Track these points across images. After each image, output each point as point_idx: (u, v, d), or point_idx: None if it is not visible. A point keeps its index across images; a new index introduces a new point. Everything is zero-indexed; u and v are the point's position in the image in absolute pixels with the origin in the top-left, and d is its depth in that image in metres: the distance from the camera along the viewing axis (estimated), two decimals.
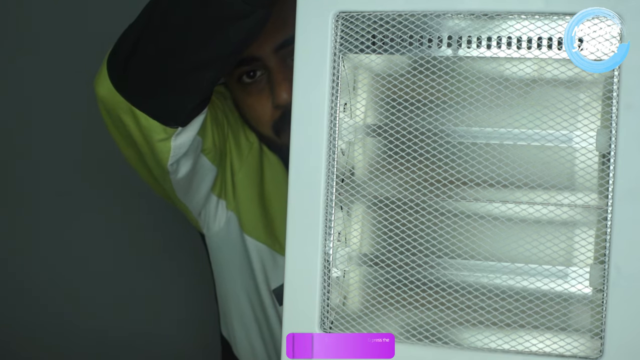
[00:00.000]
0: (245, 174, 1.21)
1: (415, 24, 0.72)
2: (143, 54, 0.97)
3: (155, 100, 1.00)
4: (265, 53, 1.10)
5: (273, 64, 1.10)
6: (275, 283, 1.21)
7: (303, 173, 0.74)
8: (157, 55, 0.97)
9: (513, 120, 0.72)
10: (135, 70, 0.98)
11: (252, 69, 1.12)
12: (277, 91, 1.10)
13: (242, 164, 1.21)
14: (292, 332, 0.74)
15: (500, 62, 0.72)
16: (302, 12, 0.74)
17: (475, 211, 0.73)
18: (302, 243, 0.74)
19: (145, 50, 0.97)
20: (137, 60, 0.98)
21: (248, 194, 1.21)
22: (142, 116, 1.00)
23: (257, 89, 1.13)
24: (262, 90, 1.13)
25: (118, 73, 1.00)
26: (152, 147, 1.04)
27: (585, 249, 0.71)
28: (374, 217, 0.77)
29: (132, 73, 0.99)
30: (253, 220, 1.21)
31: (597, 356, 0.68)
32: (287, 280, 0.74)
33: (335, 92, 0.74)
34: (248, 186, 1.21)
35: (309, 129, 0.74)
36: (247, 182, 1.21)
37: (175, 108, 1.01)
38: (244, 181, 1.21)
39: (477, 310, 0.73)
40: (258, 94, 1.13)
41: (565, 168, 0.72)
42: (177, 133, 1.03)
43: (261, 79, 1.12)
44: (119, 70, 0.99)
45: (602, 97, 0.71)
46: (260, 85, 1.13)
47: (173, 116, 1.02)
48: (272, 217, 1.21)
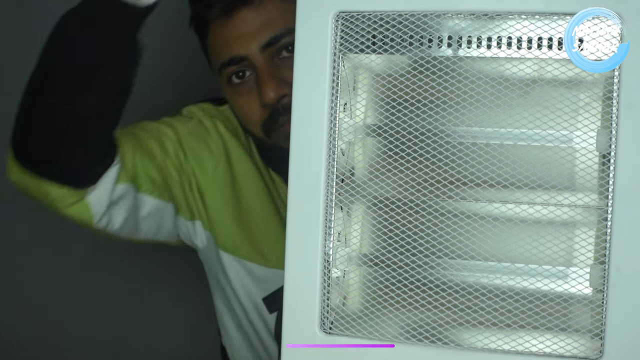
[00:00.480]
0: (214, 192, 1.22)
1: (416, 24, 0.72)
2: (33, 120, 1.02)
3: (58, 165, 1.03)
4: (251, 52, 1.11)
5: (260, 63, 1.11)
6: (258, 294, 1.22)
7: (303, 173, 0.74)
8: (43, 119, 1.01)
9: (513, 120, 0.72)
10: (32, 138, 1.03)
11: (240, 69, 1.13)
12: (263, 90, 1.10)
13: (210, 182, 1.21)
14: (292, 332, 0.74)
15: (500, 62, 0.72)
16: (302, 12, 0.74)
17: (476, 211, 0.72)
18: (302, 243, 0.74)
19: (33, 115, 1.02)
20: (31, 128, 1.03)
21: (221, 211, 1.22)
22: (52, 188, 1.04)
23: (246, 89, 1.14)
24: (250, 90, 1.13)
25: (20, 149, 1.04)
26: (72, 212, 1.07)
27: (586, 249, 0.71)
28: (374, 218, 0.77)
29: (31, 142, 1.04)
30: (229, 236, 1.22)
31: (597, 357, 0.68)
32: (287, 280, 0.74)
33: (335, 92, 0.74)
34: (220, 203, 1.22)
35: (309, 129, 0.74)
36: (218, 199, 1.22)
37: (78, 168, 1.04)
38: (214, 199, 1.22)
39: (477, 310, 0.73)
40: (247, 94, 1.14)
41: (565, 168, 0.72)
42: (90, 190, 1.05)
43: (249, 79, 1.13)
44: (20, 145, 1.04)
45: (602, 97, 0.71)
46: (249, 85, 1.13)
47: (80, 177, 1.05)
48: (251, 228, 1.22)
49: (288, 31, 1.10)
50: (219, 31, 1.13)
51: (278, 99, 1.10)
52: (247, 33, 1.11)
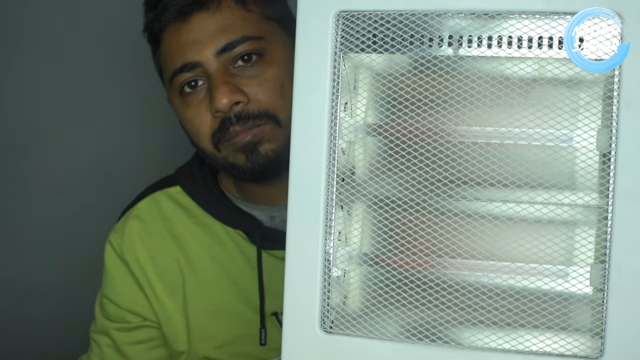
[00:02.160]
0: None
1: (416, 23, 0.72)
2: None
3: None
4: (206, 57, 1.09)
5: (214, 69, 1.09)
6: None
7: (303, 172, 0.74)
8: None
9: (514, 119, 0.72)
10: None
11: (193, 78, 1.11)
12: (215, 95, 1.08)
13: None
14: (292, 331, 0.74)
15: (500, 61, 0.72)
16: (303, 11, 0.74)
17: (476, 210, 0.73)
18: (303, 242, 0.74)
19: None
20: None
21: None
22: None
23: (197, 99, 1.12)
24: (202, 101, 1.11)
25: None
26: None
27: (586, 248, 0.71)
28: (374, 217, 0.77)
29: None
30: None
31: (597, 356, 0.68)
32: (287, 279, 0.74)
33: (335, 92, 0.74)
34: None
35: (310, 129, 0.74)
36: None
37: None
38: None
39: (477, 309, 0.73)
40: (198, 105, 1.12)
41: (565, 167, 0.72)
42: None
43: (202, 89, 1.11)
44: None
45: (602, 96, 0.71)
46: (201, 96, 1.11)
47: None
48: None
49: (245, 38, 1.09)
50: (173, 37, 1.11)
51: (230, 105, 1.08)
52: (203, 38, 1.09)
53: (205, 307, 1.20)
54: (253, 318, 1.18)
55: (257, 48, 1.10)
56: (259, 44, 1.10)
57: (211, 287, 1.20)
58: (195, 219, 1.22)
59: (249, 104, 1.09)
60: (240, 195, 1.22)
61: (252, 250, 1.19)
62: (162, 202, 1.24)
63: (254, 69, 1.10)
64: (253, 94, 1.09)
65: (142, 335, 1.24)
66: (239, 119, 1.09)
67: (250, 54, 1.10)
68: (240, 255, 1.20)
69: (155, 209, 1.24)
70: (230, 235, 1.20)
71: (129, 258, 1.22)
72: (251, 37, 1.10)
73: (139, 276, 1.21)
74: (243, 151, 1.11)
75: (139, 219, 1.24)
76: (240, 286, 1.19)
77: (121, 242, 1.23)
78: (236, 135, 1.10)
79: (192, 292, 1.20)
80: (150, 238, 1.22)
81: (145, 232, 1.23)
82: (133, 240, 1.22)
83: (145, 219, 1.23)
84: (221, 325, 1.19)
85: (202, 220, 1.22)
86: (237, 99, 1.08)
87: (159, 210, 1.24)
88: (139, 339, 1.24)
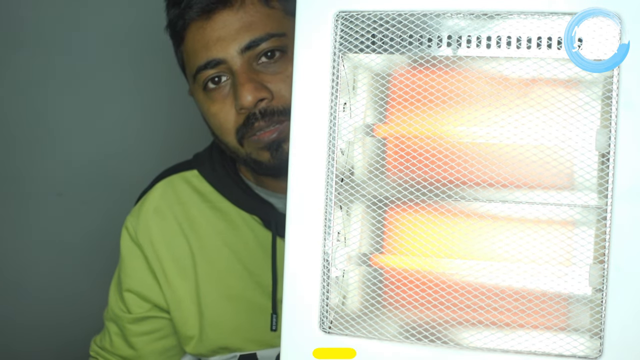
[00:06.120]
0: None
1: (415, 24, 0.72)
2: None
3: None
4: (230, 55, 1.10)
5: (238, 66, 1.10)
6: None
7: (303, 172, 0.74)
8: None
9: (513, 119, 0.72)
10: None
11: (217, 74, 1.11)
12: (240, 92, 1.09)
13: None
14: (291, 331, 0.74)
15: (499, 61, 0.72)
16: (302, 12, 0.74)
17: (475, 210, 0.73)
18: (302, 243, 0.74)
19: None
20: None
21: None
22: None
23: (221, 95, 1.12)
24: (226, 97, 1.12)
25: None
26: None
27: (585, 248, 0.71)
28: (373, 217, 0.77)
29: None
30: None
31: (596, 356, 0.68)
32: (287, 279, 0.74)
33: (335, 92, 0.74)
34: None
35: (309, 129, 0.74)
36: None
37: None
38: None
39: (476, 309, 0.73)
40: (222, 100, 1.12)
41: (564, 167, 0.72)
42: None
43: (226, 84, 1.12)
44: None
45: (601, 96, 0.71)
46: (225, 91, 1.12)
47: None
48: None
49: (268, 35, 1.10)
50: (197, 34, 1.12)
51: (255, 102, 1.09)
52: (227, 36, 1.10)
53: (216, 292, 1.20)
54: (264, 304, 1.19)
55: (280, 45, 1.11)
56: (282, 40, 1.11)
57: (223, 272, 1.20)
58: (210, 204, 1.23)
59: (273, 101, 1.10)
60: (258, 183, 1.23)
61: (266, 236, 1.20)
62: (178, 185, 1.25)
63: (277, 66, 1.11)
64: (277, 90, 1.10)
65: (149, 327, 1.25)
66: (264, 115, 1.10)
67: (273, 50, 1.11)
68: (253, 240, 1.20)
69: (171, 192, 1.25)
70: (246, 220, 1.21)
71: (143, 242, 1.23)
72: (274, 34, 1.11)
73: (151, 260, 1.22)
74: (268, 149, 1.12)
75: (154, 202, 1.25)
76: (252, 272, 1.20)
77: (137, 225, 1.24)
78: (261, 130, 1.10)
79: (204, 277, 1.21)
80: (165, 222, 1.23)
81: (161, 216, 1.24)
82: (148, 224, 1.24)
83: (160, 203, 1.25)
84: (232, 311, 1.20)
85: (217, 205, 1.22)
86: (261, 95, 1.09)
87: (174, 194, 1.25)
88: (146, 330, 1.25)
